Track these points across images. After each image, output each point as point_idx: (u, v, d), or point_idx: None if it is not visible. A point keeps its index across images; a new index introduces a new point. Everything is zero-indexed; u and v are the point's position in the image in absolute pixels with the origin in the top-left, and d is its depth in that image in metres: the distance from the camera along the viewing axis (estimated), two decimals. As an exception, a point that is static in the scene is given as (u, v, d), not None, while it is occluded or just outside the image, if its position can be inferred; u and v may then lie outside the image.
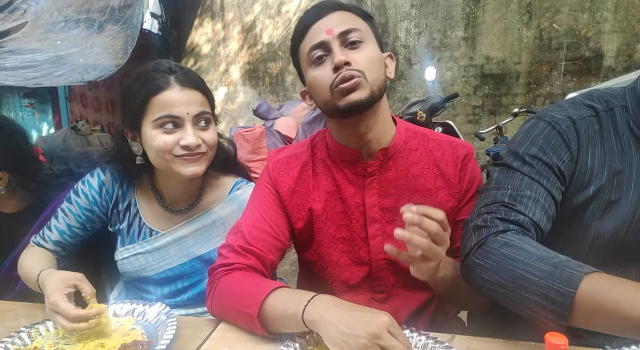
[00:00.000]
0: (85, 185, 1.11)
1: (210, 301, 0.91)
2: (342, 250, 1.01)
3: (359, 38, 0.90)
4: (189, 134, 0.97)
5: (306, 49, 0.92)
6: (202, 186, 1.14)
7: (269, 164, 1.05)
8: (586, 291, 0.65)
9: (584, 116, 0.86)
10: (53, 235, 1.11)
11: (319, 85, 0.91)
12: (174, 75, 0.99)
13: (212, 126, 1.05)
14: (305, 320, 0.75)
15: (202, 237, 1.11)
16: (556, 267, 0.69)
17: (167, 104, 0.97)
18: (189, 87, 0.99)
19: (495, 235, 0.79)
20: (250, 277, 0.90)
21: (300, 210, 1.01)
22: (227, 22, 5.67)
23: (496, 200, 0.84)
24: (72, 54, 4.54)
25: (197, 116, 1.00)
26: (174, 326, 0.85)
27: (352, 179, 1.00)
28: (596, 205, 0.83)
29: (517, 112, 3.31)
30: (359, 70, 0.88)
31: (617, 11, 3.91)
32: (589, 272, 0.67)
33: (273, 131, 4.02)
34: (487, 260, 0.76)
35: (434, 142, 1.03)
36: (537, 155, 0.85)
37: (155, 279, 1.11)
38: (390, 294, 1.02)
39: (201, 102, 1.01)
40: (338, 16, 0.91)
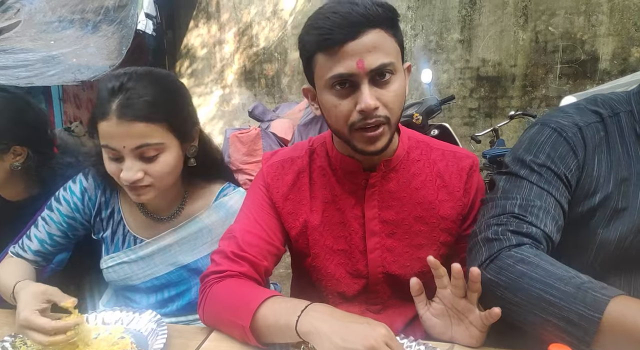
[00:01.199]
0: (67, 191, 1.07)
1: (202, 309, 0.88)
2: (339, 262, 0.97)
3: (390, 71, 0.79)
4: (125, 169, 0.90)
5: (328, 70, 0.79)
6: (184, 194, 1.09)
7: (263, 167, 1.02)
8: (613, 316, 0.62)
9: (590, 122, 0.84)
10: (33, 245, 1.06)
11: (337, 116, 0.83)
12: (116, 100, 0.88)
13: (164, 155, 0.93)
14: (299, 332, 0.72)
15: (188, 245, 1.07)
16: (579, 288, 0.65)
17: (105, 135, 0.90)
18: (127, 120, 0.87)
19: (509, 250, 0.75)
20: (242, 285, 0.87)
21: (294, 219, 0.97)
22: (222, 24, 5.64)
23: (506, 211, 0.81)
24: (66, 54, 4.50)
25: (136, 149, 0.89)
26: (165, 335, 0.82)
27: (352, 190, 0.96)
28: (602, 213, 0.81)
29: (513, 114, 3.31)
30: (385, 117, 0.80)
31: (613, 14, 3.93)
32: (615, 296, 0.63)
33: (269, 133, 4.00)
34: (502, 277, 0.72)
35: (437, 152, 0.98)
36: (545, 164, 0.83)
37: (142, 288, 1.08)
38: (385, 305, 1.00)
39: (143, 133, 0.88)
40: (371, 39, 0.77)
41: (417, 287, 0.80)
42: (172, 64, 5.90)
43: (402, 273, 0.95)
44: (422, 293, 0.81)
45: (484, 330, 0.76)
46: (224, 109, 5.87)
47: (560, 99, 3.81)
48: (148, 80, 0.91)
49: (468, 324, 0.77)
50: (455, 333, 0.79)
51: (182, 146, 0.98)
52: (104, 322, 0.92)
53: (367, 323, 0.70)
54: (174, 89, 0.96)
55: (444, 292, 0.79)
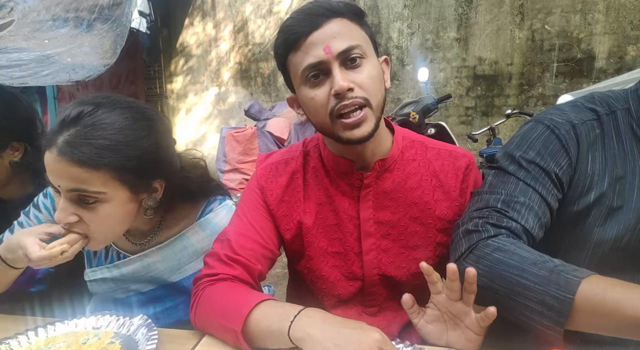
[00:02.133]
0: (47, 198, 1.03)
1: (194, 313, 0.87)
2: (333, 265, 0.96)
3: (359, 54, 0.81)
4: (60, 209, 0.82)
5: (299, 65, 0.82)
6: (159, 221, 1.03)
7: (257, 170, 1.00)
8: (584, 296, 0.64)
9: (585, 120, 0.83)
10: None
11: (315, 107, 0.83)
12: (64, 133, 0.79)
13: (105, 205, 0.82)
14: (291, 338, 0.71)
15: (173, 263, 1.03)
16: (552, 272, 0.67)
17: (47, 166, 0.81)
18: (65, 160, 0.78)
19: (486, 240, 0.76)
20: (234, 288, 0.86)
21: (288, 221, 0.96)
22: (218, 22, 5.61)
23: (488, 205, 0.82)
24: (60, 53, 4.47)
25: (70, 191, 0.81)
26: (155, 340, 0.80)
27: (346, 191, 0.94)
28: (598, 211, 0.81)
29: (510, 113, 3.30)
30: (362, 98, 0.80)
31: (609, 13, 3.93)
32: (586, 276, 0.66)
33: (265, 132, 3.98)
34: (480, 266, 0.73)
35: (433, 151, 0.97)
36: (534, 160, 0.83)
37: (127, 302, 1.05)
38: (381, 307, 0.98)
39: (80, 178, 0.79)
40: (334, 27, 0.80)
41: (410, 302, 0.79)
42: (167, 63, 5.87)
43: (398, 274, 0.94)
44: (414, 304, 0.80)
45: (481, 334, 0.75)
46: (220, 108, 5.84)
47: (557, 98, 3.80)
48: (112, 119, 0.81)
49: (464, 328, 0.76)
50: (451, 338, 0.78)
51: (134, 196, 0.88)
52: (93, 327, 0.90)
53: (360, 328, 0.68)
54: (138, 136, 0.84)
55: (438, 298, 0.78)
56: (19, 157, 1.14)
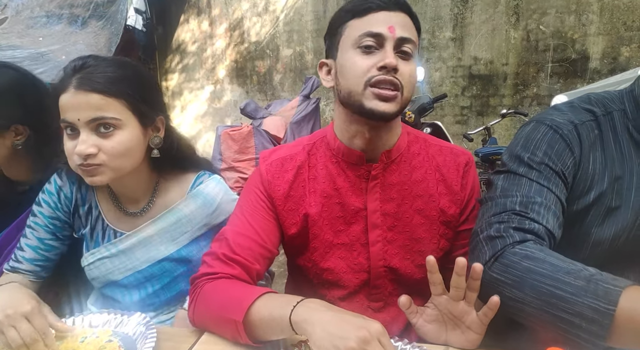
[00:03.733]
0: (44, 193, 1.06)
1: (193, 310, 0.87)
2: (339, 256, 0.97)
3: (410, 51, 0.87)
4: (81, 142, 0.88)
5: (358, 29, 0.86)
6: (154, 186, 1.07)
7: (262, 166, 1.00)
8: (627, 307, 0.60)
9: (585, 120, 0.84)
10: (27, 254, 1.04)
11: (354, 71, 0.86)
12: (76, 75, 0.88)
13: (120, 132, 0.91)
14: (292, 322, 0.71)
15: (168, 235, 1.05)
16: (589, 281, 0.63)
17: (63, 108, 0.89)
18: (83, 90, 0.87)
19: (512, 247, 0.73)
20: (235, 283, 0.86)
21: (294, 216, 0.96)
22: (213, 19, 5.59)
23: (507, 209, 0.80)
24: (54, 51, 4.43)
25: (90, 122, 0.88)
26: (154, 338, 0.80)
27: (354, 182, 0.95)
28: (596, 211, 0.81)
29: (505, 113, 3.32)
30: (400, 83, 0.85)
31: (603, 14, 3.96)
32: (627, 286, 0.61)
33: (261, 131, 3.98)
34: (508, 275, 0.70)
35: (435, 148, 1.00)
36: (542, 161, 0.82)
37: (124, 284, 1.06)
38: (386, 302, 0.99)
39: (98, 106, 0.88)
40: (403, 18, 0.87)
41: (407, 304, 0.80)
42: (163, 60, 5.85)
43: (403, 266, 0.96)
44: (412, 305, 0.81)
45: (481, 333, 0.76)
46: (215, 106, 5.83)
47: (551, 98, 3.83)
48: (112, 60, 0.93)
49: (464, 328, 0.77)
50: (451, 337, 0.78)
51: (143, 130, 0.96)
52: (91, 325, 0.90)
53: (362, 317, 0.69)
54: (137, 72, 0.96)
55: (439, 299, 0.78)
56: (22, 141, 1.15)
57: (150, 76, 1.01)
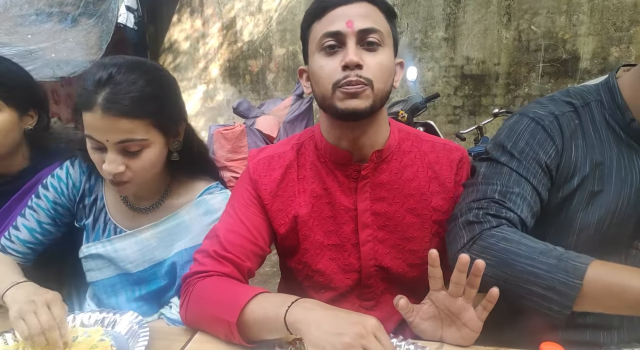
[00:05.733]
0: (54, 178, 1.06)
1: (185, 309, 0.86)
2: (330, 257, 0.96)
3: (377, 40, 0.83)
4: (107, 161, 0.89)
5: (319, 32, 0.84)
6: (166, 187, 1.07)
7: (250, 165, 0.99)
8: (591, 280, 0.69)
9: (565, 111, 0.89)
10: (22, 235, 1.04)
11: (322, 76, 0.84)
12: (102, 93, 0.86)
13: (148, 150, 0.91)
14: (287, 322, 0.71)
15: (166, 240, 1.05)
16: (560, 259, 0.72)
17: (90, 126, 0.88)
18: (112, 115, 0.85)
19: (489, 230, 0.79)
20: (229, 282, 0.85)
21: (283, 216, 0.96)
22: (206, 18, 5.56)
23: (486, 196, 0.85)
24: (44, 49, 4.38)
25: (120, 143, 0.88)
26: (146, 337, 0.80)
27: (343, 182, 0.94)
28: (580, 196, 0.86)
29: (497, 112, 3.34)
30: (367, 78, 0.82)
31: (593, 14, 4.00)
32: (590, 262, 0.71)
33: (254, 130, 3.96)
34: (487, 256, 0.76)
35: (427, 144, 0.99)
36: (524, 150, 0.87)
37: (111, 283, 1.05)
38: (378, 301, 0.98)
39: (127, 129, 0.87)
40: (364, 8, 0.83)
41: (404, 305, 0.80)
42: (155, 59, 5.80)
43: (395, 265, 0.95)
44: (408, 305, 0.80)
45: (477, 331, 0.76)
46: (208, 105, 5.80)
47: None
48: (137, 74, 0.89)
49: (461, 325, 0.77)
50: (446, 334, 0.78)
51: (166, 141, 0.96)
52: (83, 324, 0.89)
53: (357, 314, 0.69)
54: (163, 85, 0.94)
55: (437, 294, 0.78)
56: (32, 125, 1.19)
57: (173, 83, 0.98)
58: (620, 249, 0.87)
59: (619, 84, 0.87)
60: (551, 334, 0.67)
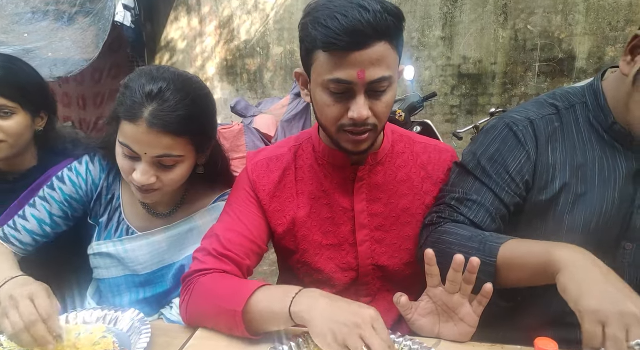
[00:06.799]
0: (72, 172, 1.06)
1: (186, 306, 0.87)
2: (328, 257, 0.98)
3: (387, 86, 0.81)
4: (140, 173, 0.90)
5: (327, 71, 0.79)
6: (183, 194, 1.09)
7: (248, 166, 1.01)
8: (502, 258, 0.77)
9: (544, 115, 0.91)
10: (29, 225, 1.02)
11: (326, 114, 0.83)
12: (150, 107, 0.86)
13: (181, 165, 0.93)
14: (292, 312, 0.72)
15: (177, 244, 1.06)
16: (481, 242, 0.81)
17: (129, 136, 0.88)
18: (156, 130, 0.86)
19: (437, 228, 0.89)
20: (231, 277, 0.87)
21: (281, 216, 0.97)
22: (203, 17, 5.56)
23: (445, 202, 0.92)
24: (41, 48, 4.36)
25: (157, 157, 0.89)
26: (148, 334, 0.80)
27: (341, 184, 0.96)
28: (565, 199, 0.88)
29: (494, 112, 3.36)
30: (373, 125, 0.83)
31: (589, 14, 4.02)
32: (505, 241, 0.79)
33: (252, 129, 3.96)
34: (435, 250, 0.80)
35: (420, 145, 1.02)
36: (492, 157, 0.91)
37: (118, 283, 1.06)
38: (375, 298, 1.00)
39: (168, 145, 0.88)
40: (376, 52, 0.76)
41: (404, 302, 0.81)
42: (152, 58, 5.79)
43: (392, 264, 0.97)
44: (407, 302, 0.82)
45: (474, 326, 0.77)
46: (206, 105, 5.79)
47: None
48: (185, 92, 0.89)
49: (458, 320, 0.78)
50: (443, 330, 0.80)
51: (197, 157, 0.98)
52: (85, 322, 0.89)
53: (356, 304, 0.72)
54: (207, 104, 0.96)
55: (435, 291, 0.80)
56: (42, 126, 1.22)
57: (213, 102, 0.99)
58: (608, 249, 0.88)
59: (603, 87, 0.89)
60: (543, 332, 0.69)
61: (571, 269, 0.67)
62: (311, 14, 0.80)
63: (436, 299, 0.80)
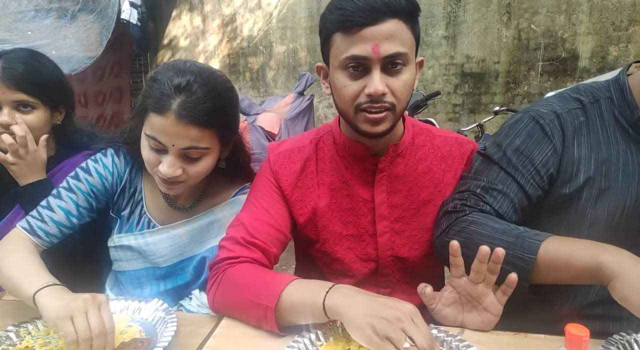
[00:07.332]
0: (98, 163, 1.05)
1: (214, 294, 0.87)
2: (348, 247, 0.99)
3: (403, 62, 0.82)
4: (167, 165, 0.90)
5: (343, 50, 0.82)
6: (204, 187, 1.10)
7: (270, 157, 1.03)
8: (543, 255, 0.76)
9: (570, 109, 0.91)
10: (56, 216, 1.00)
11: (344, 95, 0.85)
12: (178, 99, 0.87)
13: (207, 158, 0.94)
14: (326, 306, 0.73)
15: (197, 237, 1.07)
16: (518, 237, 0.79)
17: (156, 128, 0.89)
18: (185, 122, 0.87)
19: (463, 216, 0.86)
20: (261, 269, 0.88)
21: (302, 206, 0.99)
22: (206, 15, 5.55)
23: (469, 189, 0.91)
24: (44, 46, 4.36)
25: (184, 149, 0.90)
26: (174, 323, 0.81)
27: (361, 175, 0.98)
28: (588, 193, 0.88)
29: (497, 110, 3.37)
30: (390, 103, 0.84)
31: (592, 14, 4.04)
32: (544, 239, 0.77)
33: (256, 126, 3.96)
34: (460, 238, 0.81)
35: (440, 138, 1.03)
36: (518, 149, 0.90)
37: (138, 276, 1.07)
38: (394, 289, 1.02)
39: (195, 137, 0.89)
40: (389, 27, 0.79)
41: (429, 293, 0.82)
42: (154, 55, 5.78)
43: (411, 256, 0.98)
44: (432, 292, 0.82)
45: (497, 315, 0.78)
46: (208, 103, 5.78)
47: (542, 96, 3.89)
48: (211, 85, 0.91)
49: (482, 310, 0.79)
50: (467, 319, 0.81)
51: (221, 150, 0.99)
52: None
53: (393, 299, 0.72)
54: (232, 97, 0.97)
55: (459, 281, 0.81)
56: (60, 120, 1.24)
57: (237, 95, 1.01)
58: (631, 244, 0.86)
59: (629, 81, 0.89)
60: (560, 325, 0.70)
61: (626, 276, 0.67)
62: (329, 4, 0.86)
63: (460, 289, 0.81)
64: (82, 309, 0.72)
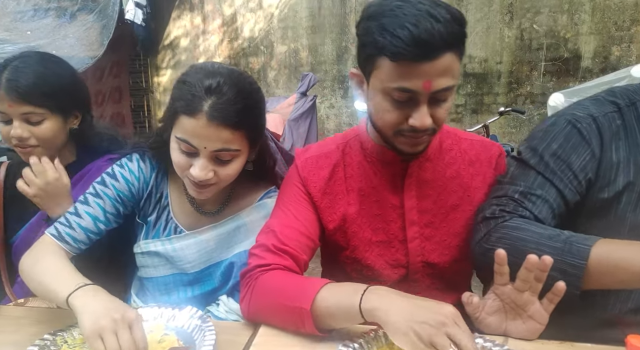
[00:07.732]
0: (125, 169, 1.04)
1: (248, 302, 0.87)
2: (378, 253, 0.98)
3: (450, 93, 0.81)
4: (199, 167, 0.90)
5: (389, 78, 0.78)
6: (230, 191, 1.09)
7: (298, 163, 1.02)
8: (595, 260, 0.74)
9: (607, 112, 0.90)
10: (84, 222, 0.99)
11: (385, 118, 0.84)
12: (209, 101, 0.87)
13: (237, 160, 0.94)
14: (362, 309, 0.71)
15: (224, 242, 1.06)
16: (565, 243, 0.77)
17: (188, 131, 0.88)
18: (216, 124, 0.87)
19: (503, 223, 0.85)
20: (293, 275, 0.87)
21: (331, 213, 0.98)
22: (206, 15, 5.52)
23: (507, 194, 0.89)
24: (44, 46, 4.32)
25: (215, 151, 0.90)
26: (213, 331, 0.80)
27: (390, 180, 0.97)
28: (628, 197, 0.87)
29: (502, 111, 3.37)
30: (432, 130, 0.84)
31: (594, 14, 4.05)
32: (594, 243, 0.76)
33: (260, 127, 3.95)
34: (501, 245, 0.80)
35: (466, 142, 1.02)
36: (555, 153, 0.88)
37: (166, 282, 1.06)
38: (424, 295, 1.01)
39: (227, 139, 0.89)
40: (444, 63, 0.75)
41: (474, 301, 0.81)
42: (154, 56, 5.75)
43: (442, 261, 0.97)
44: (473, 301, 0.81)
45: (543, 323, 0.77)
46: (209, 103, 5.75)
47: (545, 96, 3.91)
48: (241, 86, 0.91)
49: (526, 318, 0.78)
50: (511, 327, 0.80)
51: (249, 152, 0.99)
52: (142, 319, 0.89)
53: (434, 302, 0.71)
54: (259, 98, 0.97)
55: (503, 289, 0.79)
56: (77, 125, 1.21)
57: (263, 97, 1.00)
58: None
59: None
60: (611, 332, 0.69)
61: None
62: (376, 19, 0.78)
63: (504, 297, 0.80)
64: (111, 329, 0.71)
